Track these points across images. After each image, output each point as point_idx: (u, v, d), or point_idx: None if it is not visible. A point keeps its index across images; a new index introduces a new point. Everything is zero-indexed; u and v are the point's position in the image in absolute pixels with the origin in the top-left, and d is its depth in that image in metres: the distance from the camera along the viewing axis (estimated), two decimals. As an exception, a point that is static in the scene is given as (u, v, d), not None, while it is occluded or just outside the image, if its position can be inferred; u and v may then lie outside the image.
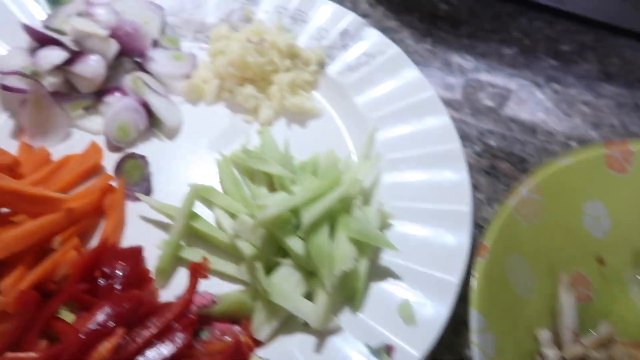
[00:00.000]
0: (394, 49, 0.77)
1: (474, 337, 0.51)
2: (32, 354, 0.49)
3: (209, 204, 0.64)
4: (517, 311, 0.57)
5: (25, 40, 0.71)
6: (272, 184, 0.64)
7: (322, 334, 0.54)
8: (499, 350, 0.53)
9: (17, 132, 0.67)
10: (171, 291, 0.58)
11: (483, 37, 0.91)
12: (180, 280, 0.59)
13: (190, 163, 0.68)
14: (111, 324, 0.48)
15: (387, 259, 0.59)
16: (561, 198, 0.61)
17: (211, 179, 0.67)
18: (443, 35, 0.91)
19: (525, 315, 0.57)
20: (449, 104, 0.81)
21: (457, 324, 0.61)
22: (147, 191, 0.64)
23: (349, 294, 0.56)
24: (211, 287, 0.58)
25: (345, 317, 0.56)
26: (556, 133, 0.80)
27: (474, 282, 0.54)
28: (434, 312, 0.55)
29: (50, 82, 0.67)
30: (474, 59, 0.88)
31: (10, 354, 0.49)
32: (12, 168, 0.61)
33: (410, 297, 0.56)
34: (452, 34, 0.91)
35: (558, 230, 0.60)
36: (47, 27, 0.73)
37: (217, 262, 0.59)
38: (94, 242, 0.60)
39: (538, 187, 0.61)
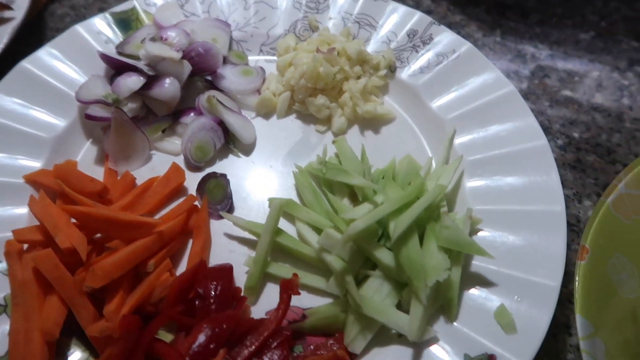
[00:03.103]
0: (466, 46, 0.74)
1: (583, 344, 0.49)
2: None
3: (290, 218, 0.64)
4: (624, 313, 0.54)
5: (100, 67, 0.74)
6: (353, 194, 0.63)
7: (418, 345, 0.53)
8: (608, 355, 0.50)
9: (101, 159, 0.69)
10: (261, 307, 0.58)
11: (556, 23, 0.87)
12: (268, 296, 0.59)
13: (267, 178, 0.69)
14: (213, 345, 0.49)
15: (479, 265, 0.57)
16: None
17: (290, 192, 0.67)
18: (512, 26, 0.88)
19: (633, 316, 0.54)
20: (524, 96, 0.78)
21: (554, 328, 0.59)
22: (230, 209, 0.65)
23: (443, 303, 0.55)
24: (299, 301, 0.58)
25: (441, 328, 0.54)
26: (645, 119, 0.75)
27: (577, 286, 0.52)
28: (534, 318, 0.53)
29: (130, 107, 0.69)
30: (548, 48, 0.84)
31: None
32: (101, 194, 0.63)
33: (508, 304, 0.54)
34: (522, 23, 0.88)
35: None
36: (120, 54, 0.75)
37: (304, 277, 0.59)
38: (184, 262, 0.61)
39: (637, 181, 0.58)
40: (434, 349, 0.53)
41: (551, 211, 0.59)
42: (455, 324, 0.54)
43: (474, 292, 0.56)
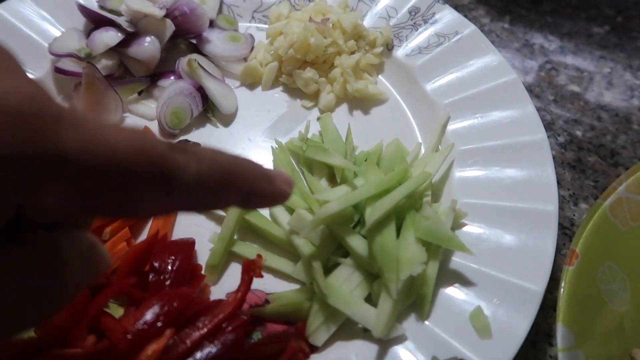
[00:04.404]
0: (469, 28, 0.69)
1: (562, 356, 0.45)
2: (78, 350, 0.46)
3: (264, 195, 0.60)
4: (610, 326, 0.49)
5: (80, 21, 0.69)
6: (332, 176, 0.59)
7: (384, 342, 0.49)
8: (588, 371, 0.46)
9: (72, 117, 0.65)
10: (222, 288, 0.54)
11: (569, 14, 0.82)
12: (232, 277, 0.55)
13: (245, 151, 0.64)
14: (160, 324, 0.45)
15: (459, 262, 0.53)
16: (668, 199, 0.53)
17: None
18: (523, 13, 0.82)
19: (619, 331, 0.50)
20: (529, 89, 0.73)
21: (535, 335, 0.54)
22: (201, 181, 0.61)
23: (415, 300, 0.51)
24: (264, 285, 0.54)
25: (410, 326, 0.50)
26: (654, 123, 0.71)
27: (562, 293, 0.48)
28: (512, 324, 0.48)
29: (104, 64, 0.64)
30: (559, 39, 0.79)
31: (57, 349, 0.47)
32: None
33: (485, 306, 0.50)
34: (534, 11, 0.83)
35: (663, 236, 0.52)
36: (102, 8, 0.70)
37: (271, 259, 0.55)
38: (145, 234, 0.57)
39: (639, 185, 0.53)
40: (401, 348, 0.48)
41: (543, 211, 0.54)
42: (426, 322, 0.50)
43: (450, 290, 0.51)
